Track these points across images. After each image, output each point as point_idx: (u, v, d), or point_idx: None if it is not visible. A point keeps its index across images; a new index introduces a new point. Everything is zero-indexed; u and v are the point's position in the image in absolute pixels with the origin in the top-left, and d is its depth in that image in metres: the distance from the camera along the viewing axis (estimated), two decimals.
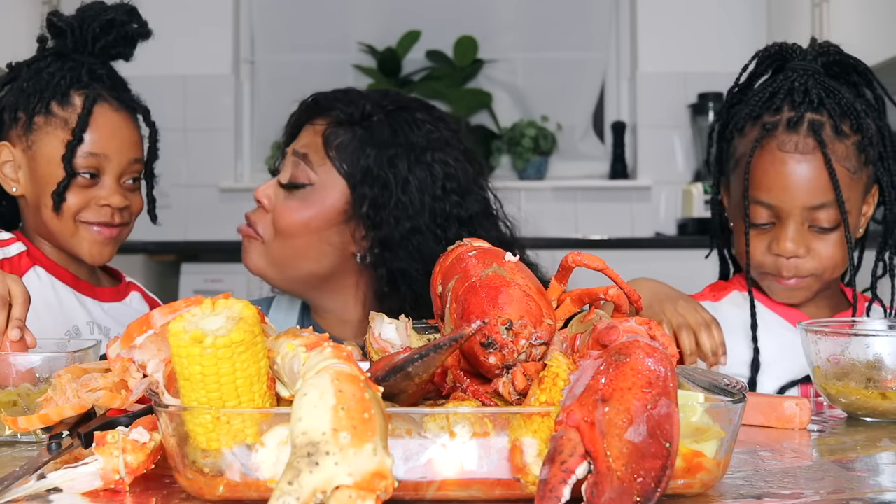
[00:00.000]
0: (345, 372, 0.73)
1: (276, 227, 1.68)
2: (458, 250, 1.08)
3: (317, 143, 1.68)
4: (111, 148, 1.66)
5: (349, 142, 1.67)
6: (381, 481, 0.68)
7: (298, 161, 1.68)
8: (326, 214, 1.66)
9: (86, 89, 1.66)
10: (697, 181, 4.36)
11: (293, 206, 1.67)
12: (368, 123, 1.68)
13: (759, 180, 1.55)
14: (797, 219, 1.53)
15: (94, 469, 0.86)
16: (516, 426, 0.81)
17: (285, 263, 1.69)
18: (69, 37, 1.68)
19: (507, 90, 4.71)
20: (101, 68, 1.70)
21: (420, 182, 1.66)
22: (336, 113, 1.69)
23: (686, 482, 0.84)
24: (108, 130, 1.66)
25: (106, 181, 1.66)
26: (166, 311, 0.90)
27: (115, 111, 1.68)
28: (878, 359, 1.24)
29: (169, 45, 4.60)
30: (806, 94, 1.55)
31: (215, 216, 4.55)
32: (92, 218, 1.65)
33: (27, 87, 1.66)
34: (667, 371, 0.77)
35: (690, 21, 4.53)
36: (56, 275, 1.68)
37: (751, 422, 1.18)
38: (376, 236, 1.65)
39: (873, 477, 0.97)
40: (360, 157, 1.66)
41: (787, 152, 1.53)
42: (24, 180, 1.66)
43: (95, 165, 1.64)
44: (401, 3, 4.71)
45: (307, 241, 1.67)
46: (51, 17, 1.71)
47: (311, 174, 1.67)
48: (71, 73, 1.67)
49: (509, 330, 0.90)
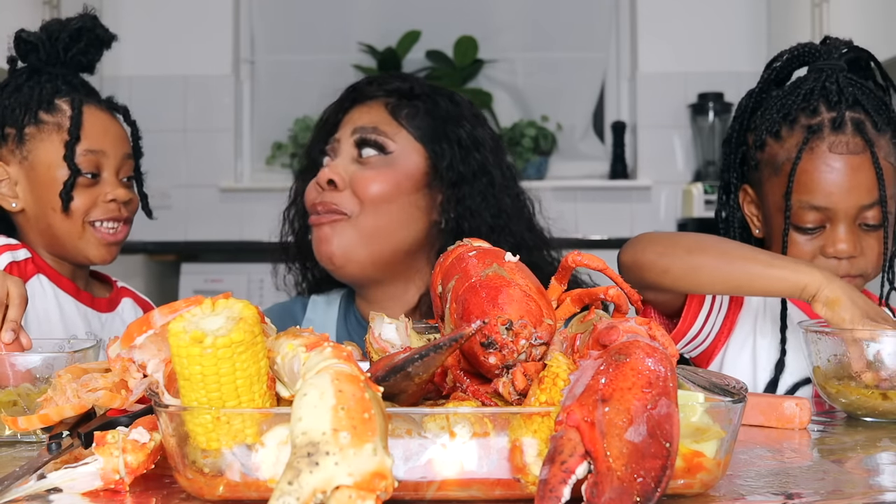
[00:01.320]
0: (345, 372, 0.73)
1: (364, 198, 1.68)
2: (458, 250, 1.08)
3: (383, 116, 1.73)
4: (106, 143, 1.69)
5: (416, 112, 1.73)
6: (381, 481, 0.68)
7: (368, 134, 1.71)
8: (412, 175, 1.70)
9: (68, 96, 1.70)
10: (697, 181, 4.36)
11: (378, 174, 1.69)
12: (427, 97, 1.75)
13: (809, 185, 1.52)
14: (850, 219, 1.52)
15: (94, 469, 0.86)
16: (516, 426, 0.81)
17: (377, 234, 1.69)
18: (41, 50, 1.73)
19: (507, 90, 4.71)
20: (75, 78, 1.75)
21: (487, 139, 1.75)
22: (394, 86, 1.76)
23: (686, 482, 0.84)
24: (100, 128, 1.70)
25: (106, 178, 1.69)
26: (166, 311, 0.90)
27: (101, 111, 1.72)
28: (878, 359, 1.24)
29: (169, 45, 4.62)
30: (840, 94, 1.54)
31: (215, 216, 4.55)
32: (101, 216, 1.68)
33: (9, 104, 1.69)
34: (667, 371, 0.77)
35: (690, 21, 4.53)
36: (58, 284, 1.69)
37: (751, 422, 1.18)
38: (454, 195, 1.70)
39: (873, 477, 0.97)
40: (429, 123, 1.72)
41: (840, 154, 1.52)
42: (24, 193, 1.68)
43: (95, 163, 1.67)
44: (401, 3, 4.71)
45: (398, 206, 1.69)
46: (19, 34, 1.75)
47: (389, 142, 1.71)
48: (49, 83, 1.71)
49: (509, 330, 0.90)
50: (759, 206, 1.64)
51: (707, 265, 1.40)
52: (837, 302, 1.29)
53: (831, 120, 1.53)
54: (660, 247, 1.44)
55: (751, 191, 1.64)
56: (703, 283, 1.42)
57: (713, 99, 4.41)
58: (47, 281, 1.68)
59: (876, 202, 1.51)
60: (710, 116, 4.42)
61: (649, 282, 1.44)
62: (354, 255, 1.69)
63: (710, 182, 4.27)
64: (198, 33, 4.57)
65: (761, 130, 1.60)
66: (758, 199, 1.64)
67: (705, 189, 4.20)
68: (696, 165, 4.51)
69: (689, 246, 1.43)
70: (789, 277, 1.33)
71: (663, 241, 1.47)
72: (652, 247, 1.45)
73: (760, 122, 1.60)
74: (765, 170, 1.60)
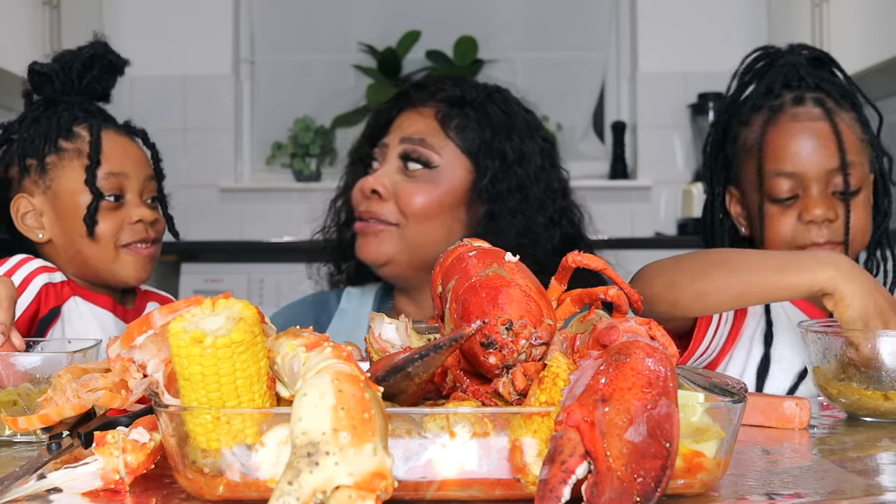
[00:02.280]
0: (345, 372, 0.73)
1: (407, 212, 1.70)
2: (459, 250, 1.08)
3: (431, 126, 1.73)
4: (127, 166, 1.69)
5: (466, 122, 1.73)
6: (381, 481, 0.68)
7: (415, 147, 1.71)
8: (456, 191, 1.71)
9: (86, 122, 1.70)
10: (697, 181, 4.36)
11: (422, 188, 1.70)
12: (479, 104, 1.74)
13: (776, 153, 1.58)
14: (821, 183, 1.56)
15: (94, 469, 0.86)
16: (516, 426, 0.81)
17: (420, 246, 1.71)
18: (56, 81, 1.73)
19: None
20: (91, 105, 1.75)
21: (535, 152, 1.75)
22: (446, 94, 1.75)
23: (686, 482, 0.84)
24: (121, 151, 1.70)
25: (130, 200, 1.69)
26: (166, 311, 0.90)
27: (120, 135, 1.73)
28: (878, 359, 1.24)
29: (169, 45, 4.62)
30: (801, 80, 1.62)
31: (215, 216, 4.55)
32: (129, 238, 1.68)
33: (29, 136, 1.70)
34: (667, 371, 0.77)
35: (690, 21, 4.53)
36: (95, 302, 1.70)
37: (751, 422, 1.18)
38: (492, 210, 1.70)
39: (873, 477, 0.97)
40: (479, 134, 1.72)
41: (800, 121, 1.59)
42: (50, 223, 1.68)
43: (118, 185, 1.67)
44: (401, 3, 4.71)
45: (440, 220, 1.71)
46: (32, 67, 1.75)
47: (434, 156, 1.71)
48: (66, 112, 1.71)
49: (509, 330, 0.90)
50: (744, 203, 1.67)
51: (715, 288, 1.39)
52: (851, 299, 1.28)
53: (792, 98, 1.61)
54: (665, 277, 1.44)
55: (735, 190, 1.70)
56: (715, 307, 1.43)
57: (713, 99, 4.40)
58: (83, 301, 1.68)
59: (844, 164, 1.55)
60: (710, 116, 4.42)
61: (660, 313, 1.43)
62: (396, 260, 1.73)
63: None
64: (198, 33, 4.57)
65: (733, 126, 1.67)
66: (740, 195, 1.68)
67: (705, 189, 4.20)
68: (696, 165, 4.50)
69: (693, 272, 1.42)
70: (802, 282, 1.32)
71: (667, 270, 1.46)
72: (658, 279, 1.45)
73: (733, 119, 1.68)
74: (741, 157, 1.66)
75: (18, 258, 1.61)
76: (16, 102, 4.66)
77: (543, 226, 1.74)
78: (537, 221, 1.73)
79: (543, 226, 1.74)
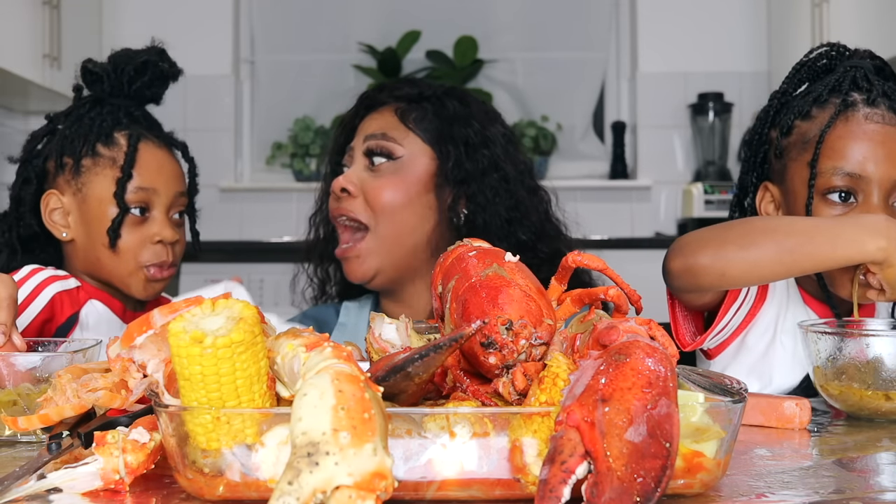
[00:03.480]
0: (345, 372, 0.73)
1: (376, 207, 1.74)
2: (459, 250, 1.08)
3: (391, 121, 1.78)
4: (158, 182, 1.69)
5: (424, 115, 1.78)
6: (381, 481, 0.68)
7: (378, 141, 1.76)
8: (421, 178, 1.75)
9: (127, 129, 1.70)
10: (697, 181, 4.36)
11: (387, 182, 1.75)
12: (436, 99, 1.80)
13: (842, 150, 1.47)
14: (884, 192, 1.46)
15: (94, 469, 0.86)
16: (516, 426, 0.81)
17: (396, 239, 1.75)
18: (105, 82, 1.73)
19: (507, 90, 4.71)
20: (137, 110, 1.75)
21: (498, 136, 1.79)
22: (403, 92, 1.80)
23: (686, 482, 0.84)
24: (155, 165, 1.70)
25: (155, 216, 1.69)
26: (166, 311, 0.91)
27: (158, 147, 1.72)
28: (878, 359, 1.24)
29: (169, 45, 4.61)
30: (871, 84, 1.51)
31: (215, 216, 4.55)
32: (149, 260, 1.68)
33: (70, 133, 1.69)
34: (667, 371, 0.77)
35: (690, 21, 4.54)
36: (109, 306, 1.70)
37: (751, 422, 1.18)
38: (463, 192, 1.74)
39: (873, 477, 0.97)
40: (437, 124, 1.77)
41: (874, 122, 1.48)
42: (75, 224, 1.68)
43: (145, 200, 1.67)
44: (401, 3, 4.71)
45: (411, 210, 1.75)
46: (86, 65, 1.74)
47: (397, 147, 1.76)
48: (111, 115, 1.71)
49: (509, 330, 0.90)
50: (779, 203, 1.58)
51: (765, 257, 1.32)
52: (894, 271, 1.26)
53: (864, 99, 1.50)
54: (710, 248, 1.37)
55: (771, 186, 1.59)
56: (766, 276, 1.38)
57: (713, 99, 4.41)
58: (101, 304, 1.68)
59: None
60: (710, 116, 4.42)
61: (705, 286, 1.39)
62: (382, 269, 1.77)
63: (710, 182, 4.27)
64: (198, 33, 4.57)
65: (789, 118, 1.56)
66: (779, 191, 1.58)
67: (705, 189, 4.20)
68: (696, 165, 4.51)
69: (740, 241, 1.35)
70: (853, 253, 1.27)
71: (712, 240, 1.38)
72: (703, 250, 1.37)
73: (787, 113, 1.57)
74: (792, 151, 1.55)
75: (29, 268, 1.61)
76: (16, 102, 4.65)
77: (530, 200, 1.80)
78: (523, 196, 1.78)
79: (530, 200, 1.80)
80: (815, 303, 1.57)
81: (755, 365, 1.55)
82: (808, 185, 1.48)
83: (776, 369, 1.55)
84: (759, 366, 1.55)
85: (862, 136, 1.46)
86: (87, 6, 4.36)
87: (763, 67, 4.47)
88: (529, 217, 1.78)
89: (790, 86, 1.61)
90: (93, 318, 1.65)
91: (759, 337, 1.55)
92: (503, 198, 1.76)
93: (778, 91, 1.62)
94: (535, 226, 1.78)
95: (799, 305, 1.58)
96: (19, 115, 4.45)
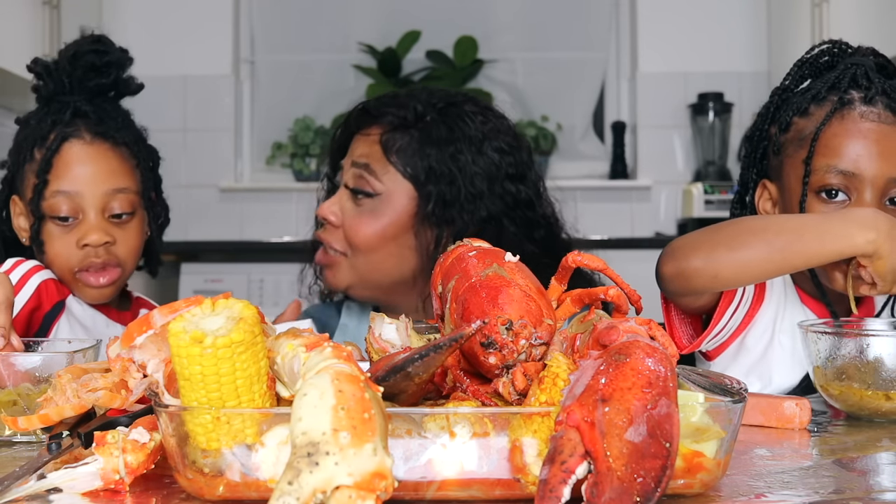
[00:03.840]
0: (345, 372, 0.73)
1: (352, 243, 1.69)
2: (459, 250, 1.08)
3: (375, 151, 1.69)
4: (82, 182, 1.59)
5: (408, 144, 1.68)
6: (381, 481, 0.68)
7: (360, 172, 1.69)
8: (399, 220, 1.68)
9: (66, 128, 1.61)
10: (697, 181, 4.36)
11: (364, 220, 1.68)
12: (423, 124, 1.70)
13: (838, 147, 1.47)
14: (877, 190, 1.46)
15: (94, 469, 0.86)
16: (516, 426, 0.81)
17: (371, 274, 1.71)
18: (46, 79, 1.66)
19: (507, 90, 4.71)
20: (87, 105, 1.64)
21: (485, 171, 1.69)
22: (389, 118, 1.70)
23: (686, 482, 0.84)
24: (77, 165, 1.60)
25: (85, 219, 1.59)
26: (166, 311, 0.90)
27: (88, 144, 1.62)
28: (878, 359, 1.24)
29: (169, 45, 4.62)
30: (870, 82, 1.51)
31: (215, 216, 4.55)
32: (78, 265, 1.60)
33: (19, 138, 1.67)
34: (667, 371, 0.77)
35: (690, 21, 4.53)
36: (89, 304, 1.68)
37: (751, 422, 1.18)
38: (452, 232, 1.66)
39: (873, 477, 0.97)
40: (421, 157, 1.68)
41: (870, 121, 1.48)
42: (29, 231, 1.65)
43: (66, 205, 1.58)
44: (401, 3, 4.71)
45: (387, 251, 1.69)
46: (29, 66, 1.68)
47: (377, 183, 1.68)
48: (54, 115, 1.63)
49: (509, 330, 0.90)
50: (776, 200, 1.59)
51: (756, 258, 1.33)
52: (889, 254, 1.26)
53: (862, 97, 1.50)
54: (702, 251, 1.37)
55: (769, 184, 1.60)
56: (758, 276, 1.38)
57: (713, 99, 4.41)
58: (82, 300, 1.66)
59: None
60: (710, 116, 4.42)
61: (699, 289, 1.39)
62: (354, 289, 1.75)
63: (710, 182, 4.27)
64: (198, 33, 4.57)
65: (787, 114, 1.56)
66: (776, 188, 1.59)
67: (705, 189, 4.20)
68: (696, 165, 4.51)
69: (730, 243, 1.36)
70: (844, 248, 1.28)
71: (703, 243, 1.39)
72: (694, 253, 1.37)
73: (786, 109, 1.57)
74: (789, 147, 1.56)
75: (13, 260, 1.60)
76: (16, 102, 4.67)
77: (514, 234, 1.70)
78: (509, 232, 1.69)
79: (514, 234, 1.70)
80: (813, 302, 1.57)
81: (754, 366, 1.55)
82: (803, 183, 1.48)
83: (775, 369, 1.55)
84: (759, 366, 1.55)
85: (857, 134, 1.47)
86: (87, 6, 4.36)
87: (763, 67, 4.47)
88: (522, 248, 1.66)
89: (792, 82, 1.61)
90: (76, 307, 1.64)
91: (758, 338, 1.55)
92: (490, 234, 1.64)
93: (779, 87, 1.62)
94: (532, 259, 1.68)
95: (796, 305, 1.58)
96: (19, 115, 4.44)
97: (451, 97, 1.77)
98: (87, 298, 1.64)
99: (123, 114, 1.72)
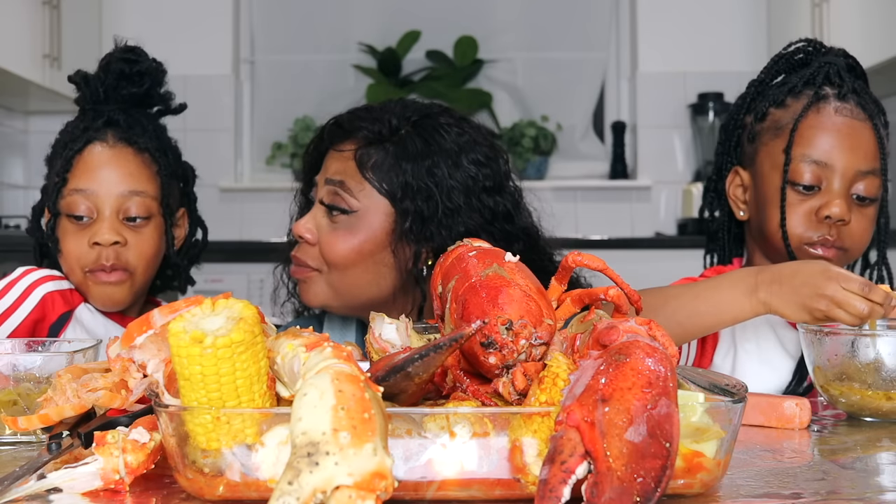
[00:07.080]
0: (345, 372, 0.73)
1: (328, 260, 1.65)
2: (458, 250, 1.08)
3: (350, 167, 1.65)
4: (98, 182, 1.61)
5: (383, 160, 1.64)
6: (381, 481, 0.68)
7: (335, 189, 1.65)
8: (375, 237, 1.64)
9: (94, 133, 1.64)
10: (697, 181, 4.36)
11: (340, 237, 1.64)
12: (398, 138, 1.65)
13: (812, 138, 1.57)
14: (846, 182, 1.56)
15: (94, 469, 0.86)
16: (516, 426, 0.81)
17: (348, 291, 1.66)
18: (84, 89, 1.68)
19: (507, 90, 4.72)
20: (120, 115, 1.67)
21: (462, 185, 1.65)
22: (363, 133, 1.66)
23: (686, 482, 0.84)
24: (96, 166, 1.62)
25: (100, 219, 1.61)
26: (166, 311, 0.90)
27: (111, 147, 1.64)
28: (878, 359, 1.24)
29: (169, 45, 4.61)
30: (842, 81, 1.61)
31: (215, 216, 4.52)
32: (87, 265, 1.60)
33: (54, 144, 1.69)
34: (667, 371, 0.77)
35: (690, 21, 4.54)
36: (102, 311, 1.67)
37: (751, 422, 1.18)
38: (430, 248, 1.62)
39: (873, 477, 0.97)
40: (397, 173, 1.63)
41: (844, 116, 1.58)
42: None
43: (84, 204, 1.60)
44: (401, 3, 4.71)
45: (363, 268, 1.65)
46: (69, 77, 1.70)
47: (352, 200, 1.64)
48: (87, 122, 1.65)
49: (509, 330, 0.90)
50: (747, 186, 1.67)
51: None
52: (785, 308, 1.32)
53: (835, 93, 1.60)
54: None
55: (742, 171, 1.69)
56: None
57: (713, 99, 4.41)
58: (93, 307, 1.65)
59: (872, 171, 1.56)
60: (710, 116, 4.43)
61: None
62: (330, 306, 1.70)
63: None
64: (198, 33, 4.57)
65: (764, 105, 1.65)
66: (749, 175, 1.67)
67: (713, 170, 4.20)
68: (696, 165, 4.51)
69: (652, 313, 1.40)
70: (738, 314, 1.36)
71: None
72: None
73: (762, 100, 1.67)
74: (764, 136, 1.65)
75: (21, 269, 1.60)
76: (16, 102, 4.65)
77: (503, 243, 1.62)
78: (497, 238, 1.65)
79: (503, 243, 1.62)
80: None
81: None
82: (783, 171, 1.58)
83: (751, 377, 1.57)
84: None
85: (831, 127, 1.58)
86: (87, 6, 4.36)
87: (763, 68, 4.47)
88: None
89: (767, 76, 1.71)
90: (88, 319, 1.63)
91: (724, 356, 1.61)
92: None
93: (756, 80, 1.72)
94: None
95: None
96: (19, 115, 4.45)
97: (425, 109, 1.73)
98: (98, 301, 1.64)
99: (157, 126, 1.74)
